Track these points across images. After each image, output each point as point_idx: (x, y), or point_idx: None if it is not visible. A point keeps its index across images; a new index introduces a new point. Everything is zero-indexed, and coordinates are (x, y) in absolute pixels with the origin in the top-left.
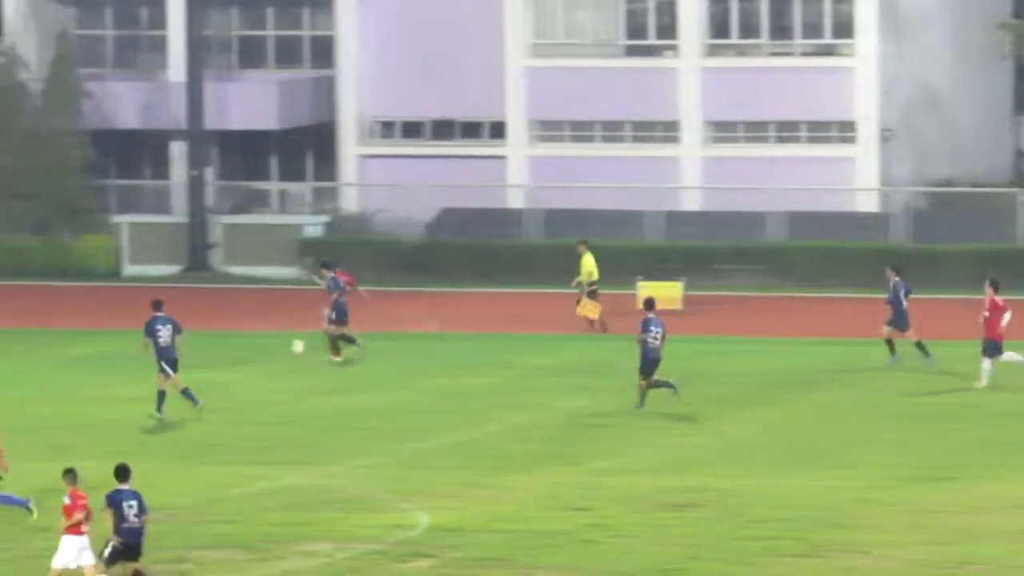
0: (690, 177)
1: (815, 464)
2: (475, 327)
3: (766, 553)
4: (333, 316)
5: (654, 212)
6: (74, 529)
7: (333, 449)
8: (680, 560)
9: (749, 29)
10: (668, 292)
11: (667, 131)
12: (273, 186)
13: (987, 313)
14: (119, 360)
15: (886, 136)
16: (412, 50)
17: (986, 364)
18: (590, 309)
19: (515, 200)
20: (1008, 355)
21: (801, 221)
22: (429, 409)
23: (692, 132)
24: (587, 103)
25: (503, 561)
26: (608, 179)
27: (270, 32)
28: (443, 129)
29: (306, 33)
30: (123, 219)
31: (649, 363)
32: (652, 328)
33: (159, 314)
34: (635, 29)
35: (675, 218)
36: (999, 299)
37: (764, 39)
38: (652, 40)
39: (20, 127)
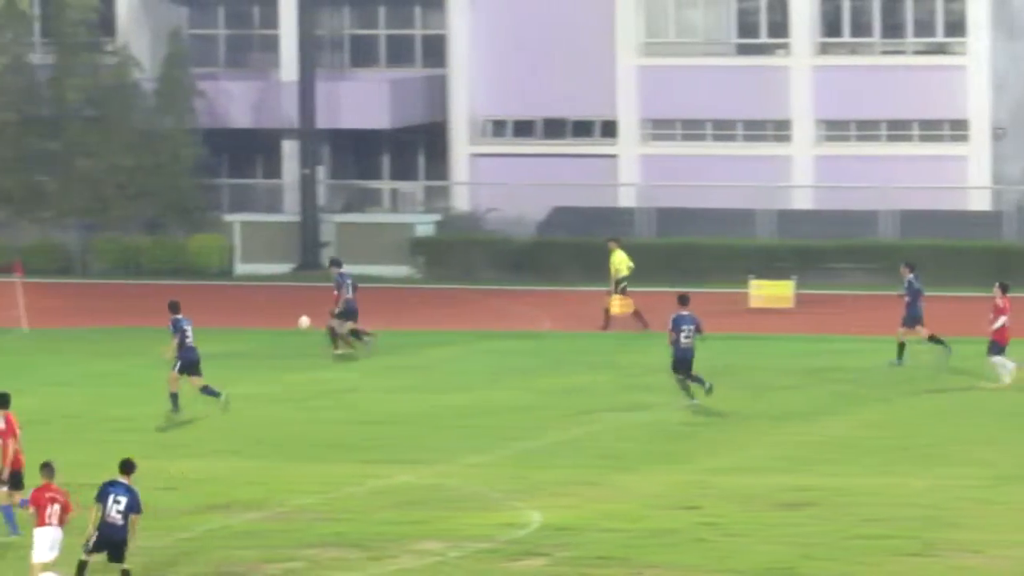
0: (802, 176)
1: (926, 463)
2: (586, 326)
3: (878, 552)
4: (336, 312)
5: (765, 211)
6: (41, 521)
7: (445, 448)
8: (792, 559)
9: (861, 27)
10: (780, 291)
11: (778, 130)
12: (384, 185)
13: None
14: (230, 359)
15: (998, 134)
16: (524, 49)
17: (1008, 365)
18: (618, 305)
19: (626, 199)
20: (998, 359)
21: (913, 219)
22: (541, 407)
23: (804, 131)
24: (699, 102)
25: (615, 560)
26: (719, 178)
27: (382, 31)
28: (555, 128)
29: (418, 32)
30: (235, 218)
31: (682, 361)
32: (684, 326)
33: (179, 316)
34: (747, 27)
35: (787, 217)
36: (1000, 302)
37: (876, 37)
38: (764, 39)
39: (133, 126)
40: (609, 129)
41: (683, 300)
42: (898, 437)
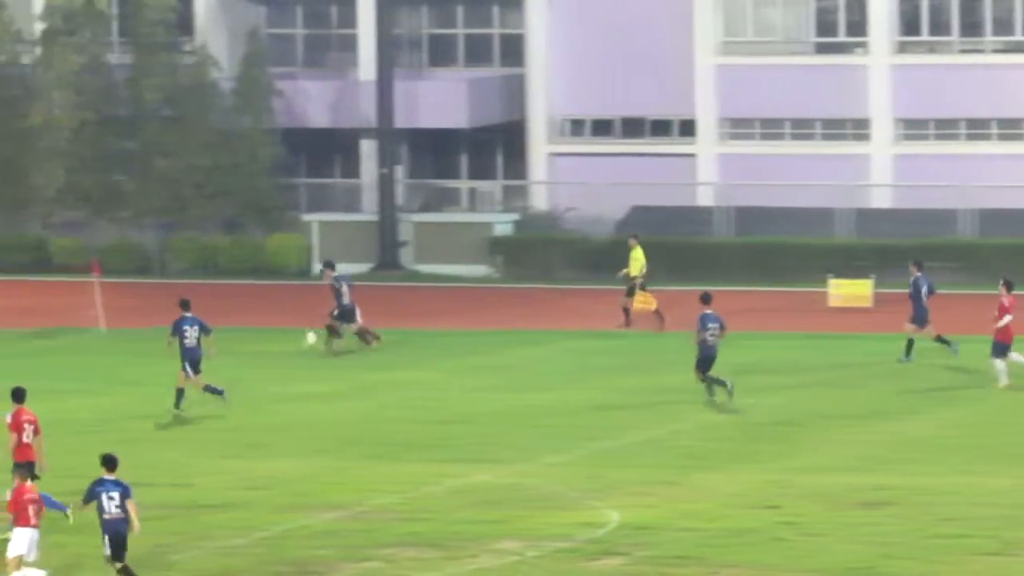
0: (880, 175)
1: (1006, 462)
2: (666, 325)
3: (957, 551)
4: (336, 312)
5: (844, 210)
6: (22, 521)
7: (524, 447)
8: (871, 558)
9: (939, 26)
10: (858, 290)
11: (857, 128)
12: (463, 184)
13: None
14: (310, 358)
15: None
16: (602, 48)
17: (1000, 364)
18: (641, 301)
19: (705, 198)
20: (999, 362)
21: (992, 218)
22: (620, 407)
23: (882, 129)
24: (777, 101)
25: (693, 559)
26: (798, 177)
27: (460, 30)
28: (633, 127)
29: (496, 31)
30: (313, 217)
31: (707, 360)
32: (710, 324)
33: (187, 314)
34: (825, 26)
35: (865, 216)
36: (1005, 300)
37: (954, 36)
38: (842, 37)
39: (211, 126)
40: (687, 128)
41: (706, 299)
42: (978, 436)
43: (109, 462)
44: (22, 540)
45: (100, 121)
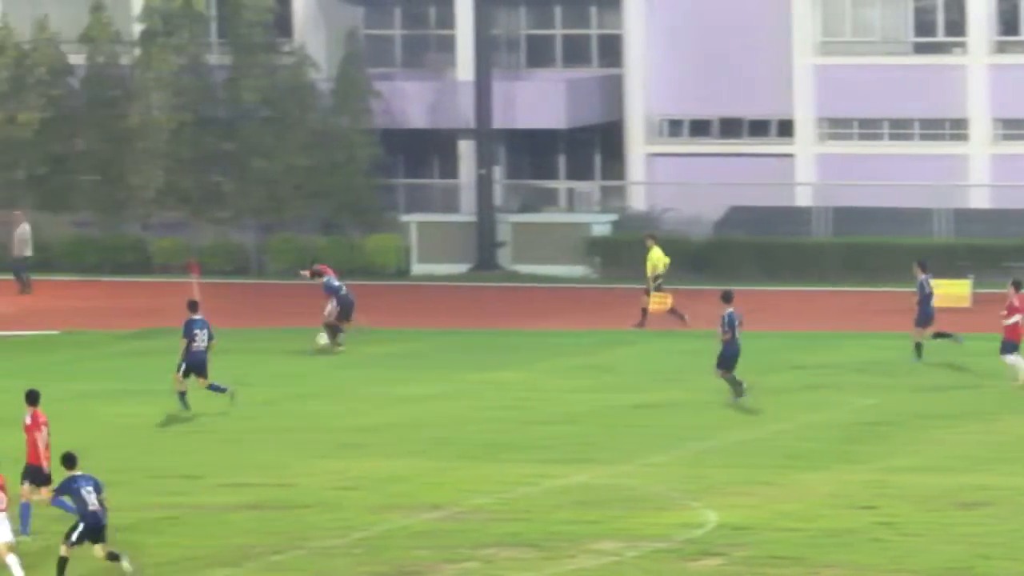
0: (978, 174)
1: None
2: (764, 325)
3: None
4: (337, 311)
5: (942, 209)
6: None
7: (622, 447)
8: (969, 558)
9: None
10: (957, 290)
11: (955, 128)
12: (560, 184)
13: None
14: (409, 359)
15: None
16: (700, 48)
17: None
18: (656, 302)
19: (803, 198)
20: (1012, 357)
21: None
22: (718, 407)
23: (980, 129)
24: (875, 100)
25: (791, 559)
26: (896, 177)
27: (558, 31)
28: (731, 127)
29: (594, 32)
30: (411, 218)
31: (732, 358)
32: (737, 322)
33: (196, 317)
34: (923, 26)
35: (963, 216)
36: (1015, 300)
37: None
38: (941, 37)
39: (309, 127)
40: (785, 128)
41: (727, 297)
42: None
43: (70, 460)
44: (4, 526)
45: (198, 122)
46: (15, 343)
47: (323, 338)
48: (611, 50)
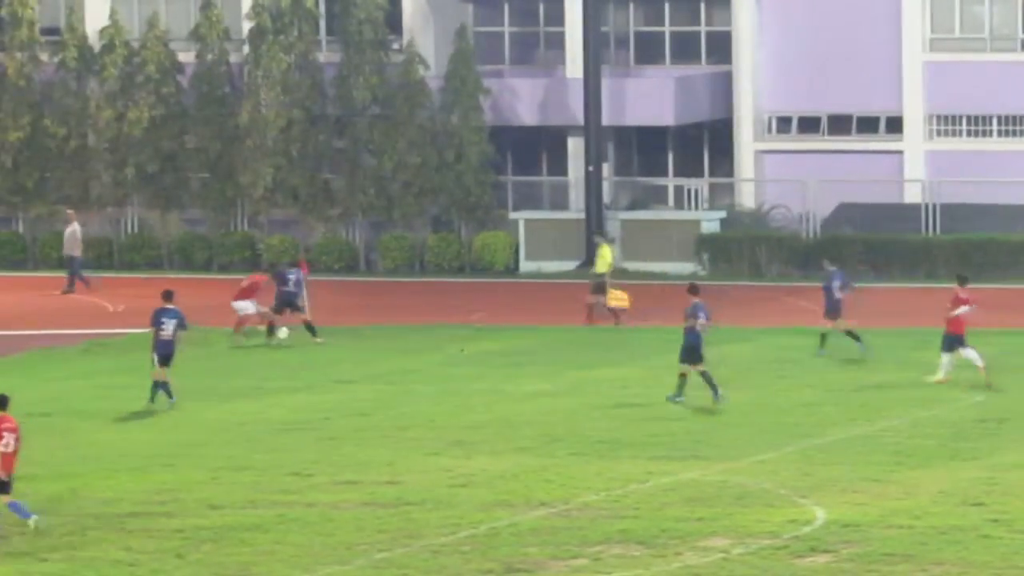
0: None
1: None
2: (875, 322)
3: None
4: (274, 304)
5: None
6: None
7: (731, 444)
8: None
9: None
10: None
11: None
12: (669, 182)
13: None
14: (518, 356)
15: None
16: (808, 45)
17: (945, 358)
18: (617, 298)
19: (912, 195)
20: (969, 351)
21: None
22: (828, 404)
23: None
24: (985, 97)
25: (901, 557)
26: (1006, 173)
27: (667, 28)
28: (840, 124)
29: (703, 29)
30: (520, 215)
31: (691, 349)
32: (700, 314)
33: (168, 306)
34: None
35: None
36: (962, 294)
37: None
38: None
39: (419, 124)
40: (894, 125)
41: (694, 289)
42: None
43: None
44: None
45: (308, 120)
46: (127, 341)
47: (283, 331)
48: (720, 47)
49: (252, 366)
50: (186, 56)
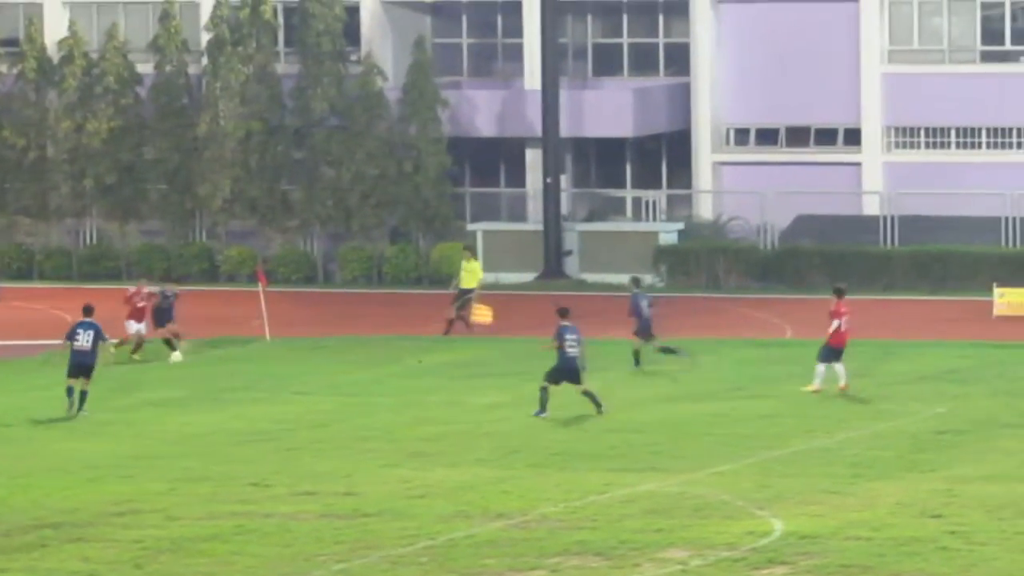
0: None
1: None
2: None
3: None
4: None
5: (1011, 218)
6: None
7: (690, 456)
8: None
9: None
10: None
11: (1023, 137)
12: (627, 193)
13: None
14: (475, 367)
15: None
16: (767, 56)
17: (820, 368)
18: (481, 313)
19: (871, 207)
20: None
21: None
22: (786, 415)
23: None
24: (943, 109)
25: (859, 568)
26: (964, 185)
27: (625, 39)
28: (798, 136)
29: (661, 40)
30: (479, 226)
31: (567, 371)
32: (568, 336)
33: (84, 319)
34: (991, 34)
35: None
36: (836, 307)
37: None
38: (1008, 46)
39: (377, 135)
40: (852, 137)
41: (563, 312)
42: None
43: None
44: None
45: (267, 131)
46: None
47: (176, 356)
48: (679, 58)
49: (211, 378)
50: (145, 67)
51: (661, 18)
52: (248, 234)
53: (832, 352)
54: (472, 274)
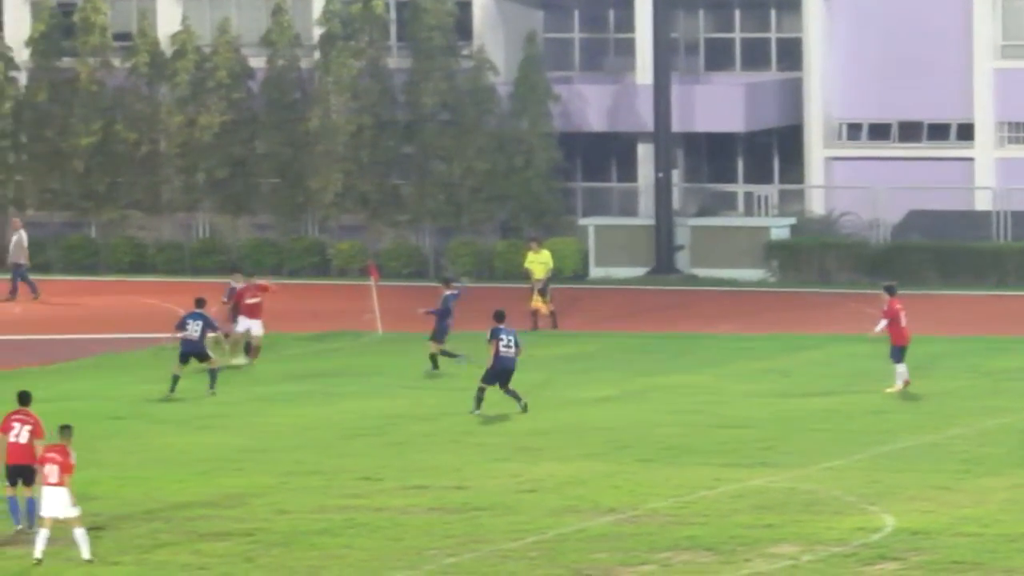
0: None
1: None
2: (943, 330)
3: None
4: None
5: None
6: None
7: (800, 451)
8: None
9: None
10: None
11: None
12: (739, 188)
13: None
14: (586, 361)
15: None
16: (879, 51)
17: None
18: (536, 302)
19: (983, 202)
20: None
21: None
22: (896, 411)
23: None
24: None
25: (970, 564)
26: None
27: (737, 34)
28: (910, 131)
29: (773, 35)
30: (590, 221)
31: (501, 372)
32: (503, 336)
33: (195, 311)
34: None
35: None
36: (887, 306)
37: None
38: None
39: (488, 130)
40: (965, 132)
41: (499, 316)
42: None
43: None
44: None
45: (378, 125)
46: None
47: (242, 359)
48: (791, 53)
49: (322, 372)
50: (257, 61)
51: (773, 13)
52: (359, 228)
53: (900, 351)
54: (543, 264)
